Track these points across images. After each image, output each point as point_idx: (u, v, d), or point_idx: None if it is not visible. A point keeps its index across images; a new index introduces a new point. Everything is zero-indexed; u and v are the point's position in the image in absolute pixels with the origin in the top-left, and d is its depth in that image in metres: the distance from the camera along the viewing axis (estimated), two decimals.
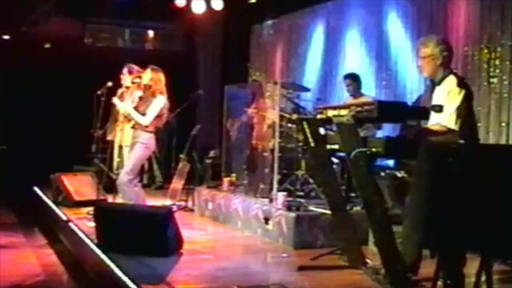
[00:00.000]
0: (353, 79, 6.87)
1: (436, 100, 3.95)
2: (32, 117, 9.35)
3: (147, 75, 5.99)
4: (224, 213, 6.52)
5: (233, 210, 6.33)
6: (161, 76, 6.00)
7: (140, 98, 6.08)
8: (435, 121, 3.87)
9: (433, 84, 4.12)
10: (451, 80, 3.97)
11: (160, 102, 5.90)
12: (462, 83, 3.97)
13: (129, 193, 5.78)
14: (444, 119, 3.82)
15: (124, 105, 6.09)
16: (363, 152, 3.57)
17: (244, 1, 9.55)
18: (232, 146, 7.88)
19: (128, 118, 6.07)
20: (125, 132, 6.30)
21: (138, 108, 5.95)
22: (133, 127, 5.99)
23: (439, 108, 3.71)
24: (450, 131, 3.80)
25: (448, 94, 3.89)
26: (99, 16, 10.29)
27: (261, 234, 5.75)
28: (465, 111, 3.86)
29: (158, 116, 5.95)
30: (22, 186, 8.02)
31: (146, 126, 5.85)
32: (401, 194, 4.18)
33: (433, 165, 2.70)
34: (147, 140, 5.86)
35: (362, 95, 6.77)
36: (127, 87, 6.41)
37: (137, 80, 6.29)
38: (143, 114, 5.86)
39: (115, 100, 6.22)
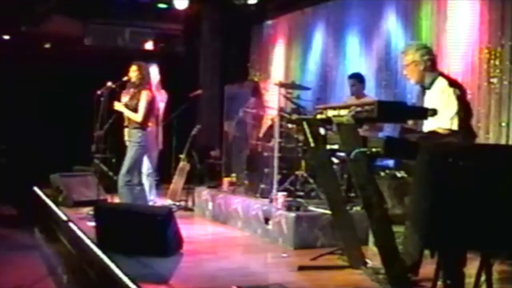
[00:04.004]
0: (358, 79, 6.87)
1: (429, 104, 3.94)
2: (32, 117, 9.35)
3: (133, 72, 6.02)
4: (224, 213, 6.52)
5: (233, 210, 6.33)
6: (147, 70, 6.04)
7: (131, 96, 6.11)
8: (434, 124, 3.87)
9: (423, 88, 4.17)
10: (441, 82, 4.01)
11: (148, 97, 5.93)
12: (453, 83, 4.02)
13: (126, 195, 5.78)
14: (446, 122, 3.84)
15: (118, 106, 6.11)
16: (363, 152, 3.57)
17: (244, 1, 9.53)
18: (232, 146, 7.87)
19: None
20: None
21: (129, 105, 5.99)
22: (126, 126, 6.02)
23: (433, 112, 3.70)
24: (452, 132, 3.81)
25: (442, 95, 3.92)
26: (99, 16, 10.28)
27: (261, 234, 5.75)
28: (463, 111, 3.88)
29: (150, 111, 5.98)
30: (22, 186, 8.01)
31: (142, 124, 5.87)
32: (401, 194, 4.18)
33: (433, 166, 2.70)
34: (140, 139, 5.88)
35: (364, 95, 6.76)
36: (120, 87, 6.41)
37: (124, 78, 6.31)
38: (135, 111, 5.90)
39: (117, 105, 6.23)
